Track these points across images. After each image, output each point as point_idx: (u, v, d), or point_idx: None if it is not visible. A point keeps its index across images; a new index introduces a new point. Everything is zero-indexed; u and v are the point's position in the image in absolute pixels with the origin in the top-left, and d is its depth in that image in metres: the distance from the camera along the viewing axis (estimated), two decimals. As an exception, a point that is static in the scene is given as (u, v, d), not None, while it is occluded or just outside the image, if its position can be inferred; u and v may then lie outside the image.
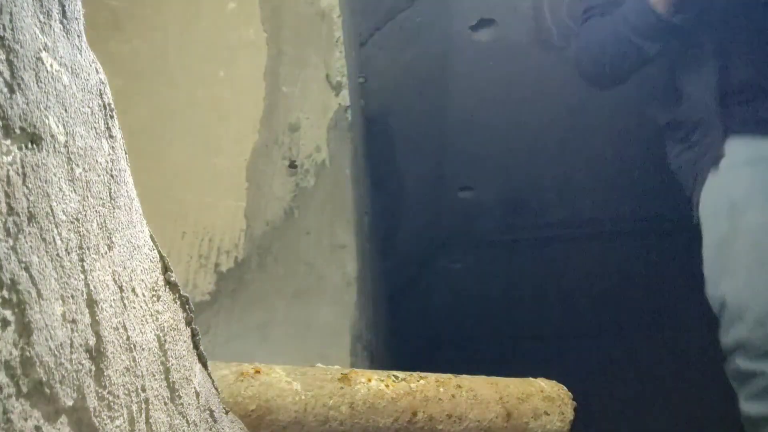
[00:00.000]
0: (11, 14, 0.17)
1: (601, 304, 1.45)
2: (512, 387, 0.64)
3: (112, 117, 0.26)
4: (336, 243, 0.91)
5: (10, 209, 0.17)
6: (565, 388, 0.68)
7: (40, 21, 0.19)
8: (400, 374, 0.61)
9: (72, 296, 0.20)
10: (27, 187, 0.18)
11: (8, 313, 0.16)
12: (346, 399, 0.56)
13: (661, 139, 1.04)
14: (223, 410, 0.45)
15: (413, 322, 1.18)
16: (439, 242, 1.25)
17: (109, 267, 0.24)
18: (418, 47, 1.33)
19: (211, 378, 0.44)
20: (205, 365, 0.44)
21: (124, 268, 0.26)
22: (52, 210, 0.19)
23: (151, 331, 0.30)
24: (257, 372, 0.55)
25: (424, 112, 1.31)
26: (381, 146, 1.26)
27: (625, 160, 1.34)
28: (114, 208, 0.25)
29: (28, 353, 0.17)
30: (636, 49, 0.99)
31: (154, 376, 0.30)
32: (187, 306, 0.37)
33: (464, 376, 0.65)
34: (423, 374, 0.62)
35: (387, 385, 0.58)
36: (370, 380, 0.58)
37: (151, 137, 0.90)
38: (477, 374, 0.71)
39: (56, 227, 0.19)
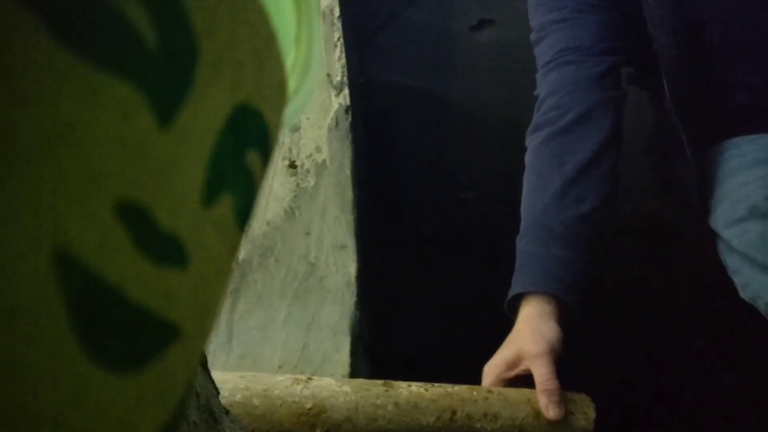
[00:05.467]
0: None
1: (601, 305, 1.45)
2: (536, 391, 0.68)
3: None
4: (336, 243, 0.91)
5: None
6: (583, 393, 0.71)
7: None
8: (434, 383, 0.66)
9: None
10: None
11: None
12: (391, 399, 0.61)
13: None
14: (224, 410, 0.45)
15: (414, 322, 1.18)
16: (440, 242, 1.25)
17: None
18: (418, 47, 1.33)
19: (211, 378, 0.44)
20: (205, 365, 0.44)
21: None
22: None
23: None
24: (309, 379, 0.60)
25: (425, 112, 1.31)
26: (381, 146, 1.26)
27: (627, 159, 1.34)
28: None
29: None
30: None
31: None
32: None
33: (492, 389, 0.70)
34: (454, 384, 0.67)
35: (426, 389, 0.63)
36: (410, 385, 0.63)
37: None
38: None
39: None
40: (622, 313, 1.23)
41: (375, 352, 0.95)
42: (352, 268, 0.89)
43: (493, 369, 0.73)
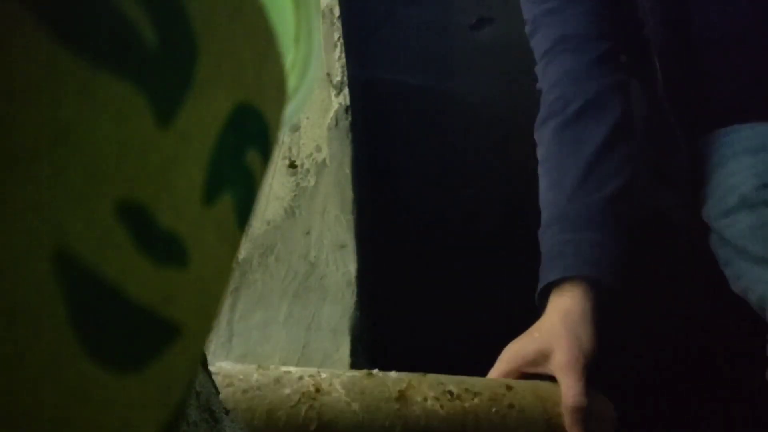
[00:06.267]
0: None
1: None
2: (557, 398, 0.66)
3: None
4: (336, 243, 0.91)
5: None
6: (606, 400, 0.69)
7: None
8: (455, 389, 0.63)
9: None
10: None
11: None
12: (401, 420, 0.58)
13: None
14: (224, 410, 0.45)
15: (414, 322, 1.18)
16: (440, 242, 1.25)
17: None
18: (418, 46, 1.33)
19: (211, 378, 0.44)
20: (204, 364, 0.44)
21: None
22: None
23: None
24: (317, 391, 0.57)
25: (425, 111, 1.31)
26: (381, 146, 1.26)
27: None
28: None
29: None
30: None
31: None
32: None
33: (513, 385, 0.66)
34: (476, 390, 0.63)
35: (442, 405, 0.60)
36: (426, 399, 0.60)
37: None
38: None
39: None
40: (620, 312, 1.23)
41: (375, 352, 0.95)
42: (352, 268, 0.89)
43: (513, 357, 0.70)
